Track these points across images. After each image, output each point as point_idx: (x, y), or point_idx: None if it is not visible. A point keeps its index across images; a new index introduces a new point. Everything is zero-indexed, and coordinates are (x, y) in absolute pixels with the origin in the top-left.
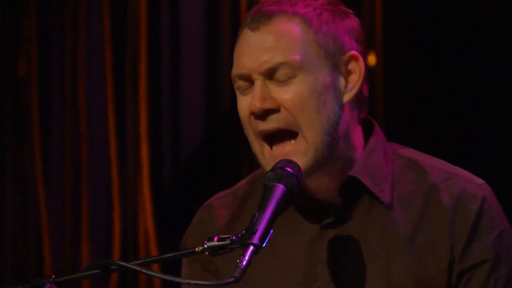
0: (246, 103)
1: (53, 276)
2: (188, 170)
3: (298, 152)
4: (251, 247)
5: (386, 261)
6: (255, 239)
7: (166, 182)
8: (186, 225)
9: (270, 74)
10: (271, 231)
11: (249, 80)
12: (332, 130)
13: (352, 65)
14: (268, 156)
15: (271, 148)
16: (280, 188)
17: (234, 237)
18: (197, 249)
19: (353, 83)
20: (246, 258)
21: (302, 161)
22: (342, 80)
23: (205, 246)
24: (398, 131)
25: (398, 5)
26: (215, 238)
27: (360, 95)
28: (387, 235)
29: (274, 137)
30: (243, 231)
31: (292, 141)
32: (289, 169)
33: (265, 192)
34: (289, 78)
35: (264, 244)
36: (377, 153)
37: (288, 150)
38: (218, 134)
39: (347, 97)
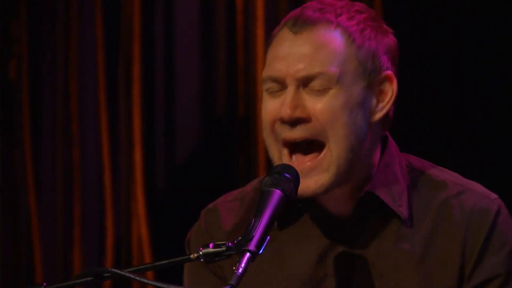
0: (274, 107)
1: (44, 284)
2: (182, 174)
3: (320, 168)
4: (248, 254)
5: (395, 278)
6: (252, 246)
7: (160, 187)
8: (180, 231)
9: (305, 82)
10: (268, 237)
11: (282, 84)
12: (357, 148)
13: (385, 86)
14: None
15: (291, 156)
16: (276, 194)
17: (230, 244)
18: (192, 256)
19: (383, 104)
20: (243, 265)
21: (324, 178)
22: (373, 99)
23: (200, 253)
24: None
25: (398, 5)
26: (211, 245)
27: (387, 115)
28: (398, 252)
29: (299, 146)
30: (239, 238)
31: (316, 154)
32: (286, 174)
33: (262, 197)
34: (324, 89)
35: (260, 251)
36: (393, 167)
37: (309, 166)
38: (213, 138)
39: (376, 116)
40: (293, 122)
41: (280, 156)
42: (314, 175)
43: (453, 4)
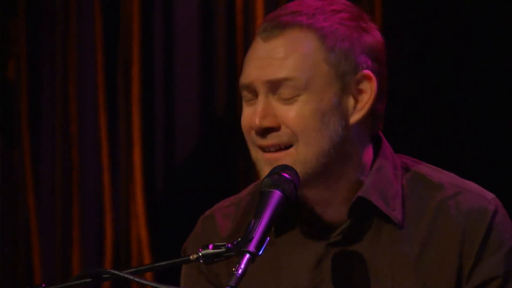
0: (248, 115)
1: (43, 285)
2: (182, 175)
3: (286, 162)
4: (247, 255)
5: (392, 281)
6: (251, 247)
7: (159, 187)
8: (180, 232)
9: (273, 89)
10: (268, 238)
11: (254, 92)
12: (333, 152)
13: (363, 85)
14: (261, 159)
15: (265, 152)
16: (276, 194)
17: (229, 245)
18: (191, 257)
19: (362, 104)
20: (242, 266)
21: None
22: (351, 101)
23: (200, 254)
24: (398, 133)
25: (398, 5)
26: (210, 246)
27: (373, 113)
28: (395, 255)
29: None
30: (239, 239)
31: (284, 150)
32: (286, 175)
33: (261, 198)
34: (293, 96)
35: (260, 252)
36: (386, 169)
37: (277, 156)
38: (213, 138)
39: (354, 117)
40: (263, 132)
41: (257, 156)
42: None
43: (453, 4)
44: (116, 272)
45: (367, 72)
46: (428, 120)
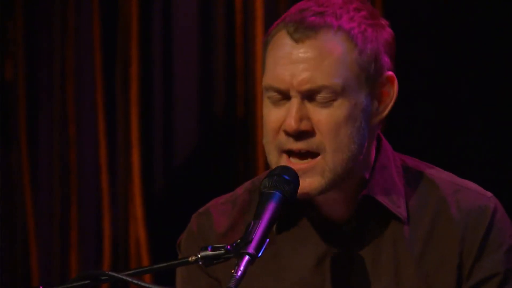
0: (277, 116)
1: (41, 287)
2: (180, 176)
3: (315, 172)
4: (247, 257)
5: (394, 280)
6: (251, 248)
7: (158, 189)
8: (178, 233)
9: (309, 95)
10: (267, 240)
11: (285, 94)
12: (358, 155)
13: (387, 87)
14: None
15: (289, 159)
16: (276, 196)
17: (229, 246)
18: (190, 258)
19: (385, 105)
20: (241, 268)
21: (318, 181)
22: (375, 102)
23: (199, 255)
24: (398, 133)
25: (398, 4)
26: (209, 248)
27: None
28: (397, 253)
29: (294, 153)
30: (238, 240)
31: (310, 159)
32: (286, 176)
33: (261, 199)
34: (328, 101)
35: (260, 254)
36: (389, 168)
37: (304, 167)
38: (212, 139)
39: (376, 119)
40: (298, 135)
41: (278, 161)
42: (308, 177)
43: (455, 3)
44: (114, 274)
45: (391, 74)
46: (428, 120)
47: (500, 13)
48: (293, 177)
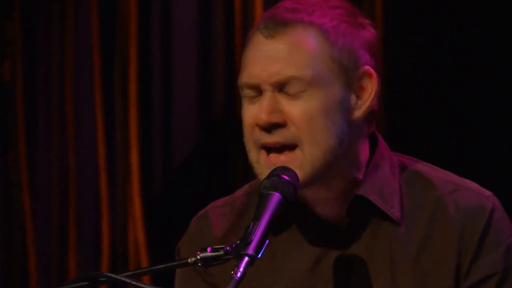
0: (252, 113)
1: None
2: (179, 177)
3: (294, 165)
4: (246, 258)
5: (390, 281)
6: (250, 250)
7: (156, 189)
8: (177, 234)
9: (280, 87)
10: (267, 241)
11: (258, 90)
12: (338, 149)
13: (365, 81)
14: (263, 163)
15: (268, 155)
16: (276, 197)
17: (228, 248)
18: (189, 260)
19: (364, 100)
20: (241, 269)
21: (298, 175)
22: (353, 97)
23: (198, 257)
24: (399, 134)
25: (398, 4)
26: (209, 249)
27: (371, 111)
28: (393, 254)
29: (272, 148)
30: (238, 241)
31: (288, 152)
32: (285, 177)
33: (261, 200)
34: (299, 92)
35: (259, 255)
36: (383, 167)
37: (283, 160)
38: (211, 140)
39: (356, 114)
40: (270, 128)
41: (258, 159)
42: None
43: (455, 3)
44: (113, 275)
45: (369, 68)
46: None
47: (500, 13)
48: (293, 178)
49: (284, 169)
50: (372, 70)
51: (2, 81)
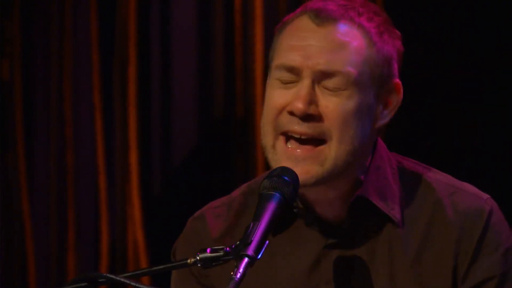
0: (284, 98)
1: None
2: (178, 177)
3: (315, 160)
4: (246, 259)
5: (390, 282)
6: (250, 251)
7: (155, 190)
8: (177, 235)
9: (321, 78)
10: (267, 242)
11: (297, 75)
12: (358, 151)
13: (393, 94)
14: (281, 152)
15: (286, 143)
16: (276, 197)
17: (228, 249)
18: (189, 260)
19: (388, 111)
20: (241, 270)
21: (315, 170)
22: (380, 106)
23: (198, 257)
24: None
25: (399, 5)
26: (208, 250)
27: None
28: (392, 255)
29: (294, 138)
30: (237, 242)
31: (311, 147)
32: (285, 177)
33: (260, 201)
34: (338, 89)
35: (259, 256)
36: (383, 169)
37: (301, 154)
38: (211, 140)
39: (379, 123)
40: (304, 118)
41: (274, 143)
42: (306, 165)
43: (456, 4)
44: (112, 276)
45: (399, 83)
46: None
47: (500, 13)
48: (293, 178)
49: (284, 169)
50: (401, 85)
51: (1, 81)
